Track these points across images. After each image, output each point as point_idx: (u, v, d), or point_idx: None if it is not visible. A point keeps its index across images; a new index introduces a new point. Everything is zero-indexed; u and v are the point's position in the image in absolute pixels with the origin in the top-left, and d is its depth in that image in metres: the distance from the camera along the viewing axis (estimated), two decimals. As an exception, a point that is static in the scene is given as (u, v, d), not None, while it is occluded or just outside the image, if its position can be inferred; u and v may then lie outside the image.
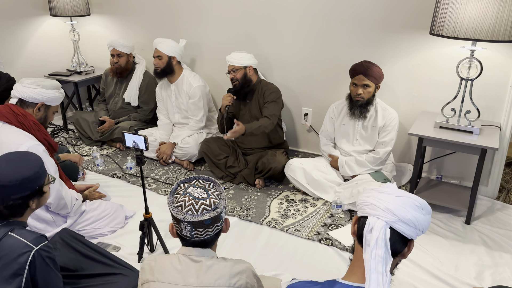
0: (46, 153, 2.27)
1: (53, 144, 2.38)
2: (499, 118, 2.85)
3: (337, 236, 2.54)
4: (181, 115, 3.60)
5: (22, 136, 2.21)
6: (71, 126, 4.27)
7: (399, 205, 1.15)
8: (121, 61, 3.71)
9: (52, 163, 2.29)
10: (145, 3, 3.91)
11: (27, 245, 1.49)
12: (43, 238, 1.55)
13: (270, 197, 2.99)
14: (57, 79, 4.11)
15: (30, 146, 2.17)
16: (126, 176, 3.26)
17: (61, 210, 2.36)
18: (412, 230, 1.16)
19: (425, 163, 3.17)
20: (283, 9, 3.30)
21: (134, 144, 2.14)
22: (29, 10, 4.01)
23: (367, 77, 2.71)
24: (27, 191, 1.55)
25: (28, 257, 1.47)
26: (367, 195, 1.22)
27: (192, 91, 3.43)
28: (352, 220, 1.26)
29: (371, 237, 1.14)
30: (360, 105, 2.79)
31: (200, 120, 3.50)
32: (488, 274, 2.25)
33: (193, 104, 3.46)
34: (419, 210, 1.17)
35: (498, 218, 2.76)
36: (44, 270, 1.51)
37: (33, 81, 2.32)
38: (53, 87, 2.37)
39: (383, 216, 1.15)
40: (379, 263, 1.11)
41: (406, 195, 1.18)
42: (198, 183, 1.42)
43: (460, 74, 2.59)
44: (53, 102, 2.39)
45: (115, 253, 2.32)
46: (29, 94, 2.30)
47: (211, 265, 1.35)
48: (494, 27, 2.27)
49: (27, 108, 2.33)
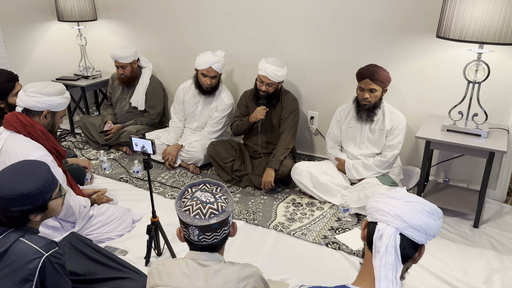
0: (55, 163, 2.27)
1: (62, 151, 2.38)
2: (507, 121, 2.83)
3: (344, 240, 2.53)
4: (199, 123, 3.59)
5: (30, 146, 2.20)
6: (78, 130, 4.30)
7: (409, 211, 1.14)
8: (126, 72, 3.72)
9: (60, 172, 2.28)
10: (151, 8, 3.94)
11: (38, 251, 1.49)
12: (53, 245, 1.55)
13: (276, 201, 2.99)
14: (64, 84, 4.10)
15: (38, 156, 2.15)
16: (133, 180, 3.27)
17: (69, 218, 2.37)
18: (422, 236, 1.14)
19: (432, 166, 3.15)
20: (289, 12, 3.30)
21: (142, 148, 2.15)
22: (36, 16, 4.06)
23: (373, 82, 2.70)
24: (27, 205, 1.53)
25: (39, 263, 1.48)
26: (376, 200, 1.20)
27: (222, 107, 3.46)
28: (362, 224, 1.24)
29: (381, 244, 1.12)
30: (367, 109, 2.79)
31: (215, 132, 3.52)
32: (497, 278, 2.23)
33: (217, 117, 3.48)
34: (430, 216, 1.15)
35: (507, 221, 2.74)
36: (54, 276, 1.52)
37: (36, 89, 2.25)
38: (57, 92, 2.31)
39: (392, 223, 1.13)
40: (389, 270, 1.10)
41: (416, 200, 1.16)
42: (206, 187, 1.42)
43: (467, 77, 2.58)
44: (59, 108, 2.34)
45: (122, 257, 2.33)
46: (33, 103, 2.24)
47: (219, 269, 1.35)
48: (501, 29, 2.25)
49: (34, 117, 2.29)
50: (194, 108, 3.56)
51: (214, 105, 3.49)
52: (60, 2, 3.89)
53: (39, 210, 1.58)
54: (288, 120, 3.14)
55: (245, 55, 3.62)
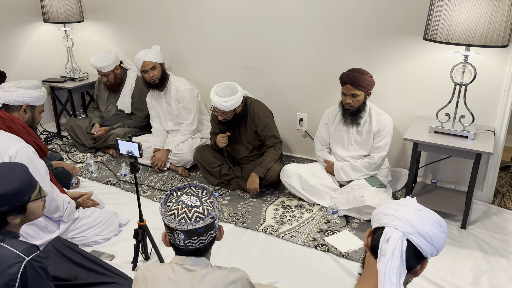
0: (36, 155, 2.25)
1: (43, 147, 2.36)
2: (493, 123, 2.86)
3: (333, 242, 2.53)
4: (174, 122, 3.58)
5: (11, 139, 2.19)
6: (65, 133, 4.25)
7: (418, 218, 1.14)
8: (109, 79, 3.68)
9: (42, 164, 2.27)
10: (138, 10, 3.91)
11: (18, 255, 1.46)
12: (34, 248, 1.52)
13: (265, 203, 2.98)
14: (50, 86, 4.10)
15: (19, 148, 2.15)
16: (120, 183, 3.24)
17: (53, 213, 2.33)
18: (428, 246, 1.13)
19: (420, 168, 3.17)
20: (277, 16, 3.30)
21: (128, 151, 2.12)
22: (22, 17, 3.99)
23: (355, 87, 2.72)
24: (4, 206, 1.50)
25: (20, 267, 1.44)
26: (385, 207, 1.20)
27: (180, 95, 3.42)
28: (366, 232, 1.24)
29: (387, 247, 1.11)
30: (351, 113, 2.81)
31: (191, 123, 3.48)
32: (484, 279, 2.25)
33: (182, 107, 3.44)
34: (437, 227, 1.15)
35: (494, 222, 2.76)
36: (36, 280, 1.49)
37: (13, 84, 2.34)
38: (34, 86, 2.38)
39: (401, 227, 1.13)
40: (394, 274, 1.08)
41: (425, 210, 1.17)
42: (191, 190, 1.40)
43: (454, 79, 2.60)
44: (38, 102, 2.40)
45: (109, 261, 2.29)
46: (11, 97, 2.31)
47: (206, 274, 1.33)
48: (487, 32, 2.27)
49: (13, 112, 2.34)
50: (160, 108, 3.56)
51: (173, 96, 3.45)
52: (46, 3, 3.84)
53: (17, 211, 1.55)
54: (267, 134, 3.06)
55: (233, 58, 3.61)
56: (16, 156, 2.12)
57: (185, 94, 3.41)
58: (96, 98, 4.00)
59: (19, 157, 2.13)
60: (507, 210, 2.90)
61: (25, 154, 2.16)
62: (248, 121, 3.09)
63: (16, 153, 2.13)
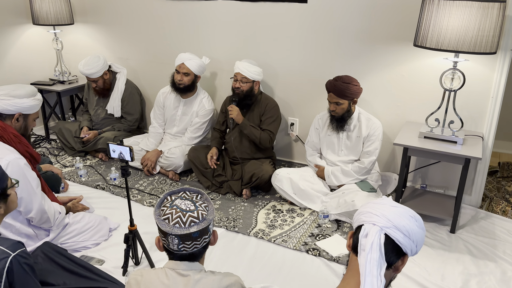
0: (28, 167, 2.19)
1: (35, 155, 2.31)
2: (482, 128, 2.90)
3: (325, 246, 2.53)
4: (179, 128, 3.55)
5: (2, 149, 2.12)
6: (53, 136, 4.20)
7: (394, 213, 1.20)
8: (98, 84, 3.66)
9: (34, 176, 2.21)
10: (129, 12, 3.89)
11: (4, 251, 1.44)
12: (20, 245, 1.50)
13: (257, 208, 2.97)
14: (39, 89, 4.04)
15: (11, 160, 2.09)
16: (110, 187, 3.20)
17: (44, 224, 2.29)
18: (406, 240, 1.18)
19: (410, 173, 3.20)
20: (269, 21, 3.31)
21: (119, 155, 2.10)
22: (10, 19, 3.95)
23: (338, 96, 2.76)
24: None
25: (6, 263, 1.43)
26: (363, 207, 1.27)
27: (203, 112, 3.42)
28: (348, 234, 1.29)
29: (366, 242, 1.17)
30: (336, 119, 2.85)
31: (196, 138, 3.48)
32: (474, 283, 2.27)
33: (198, 123, 3.44)
34: (413, 221, 1.20)
35: (482, 226, 2.79)
36: (22, 277, 1.47)
37: (6, 92, 2.21)
38: (28, 95, 2.27)
39: (378, 222, 1.18)
40: (374, 267, 1.13)
41: (400, 206, 1.24)
42: (186, 195, 1.40)
43: (444, 85, 2.64)
44: (31, 110, 2.30)
45: (99, 266, 2.27)
46: (3, 106, 2.20)
47: (199, 279, 1.32)
48: (476, 39, 2.31)
49: (5, 120, 2.24)
50: (174, 112, 3.52)
51: (194, 110, 3.46)
52: (35, 5, 3.80)
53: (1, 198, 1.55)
54: (269, 125, 3.13)
55: (225, 62, 3.61)
56: (7, 168, 2.06)
57: (207, 114, 3.44)
58: (85, 101, 3.97)
59: (10, 170, 2.06)
60: (495, 214, 2.94)
61: (16, 167, 2.10)
62: (259, 107, 3.16)
63: (7, 166, 2.06)
